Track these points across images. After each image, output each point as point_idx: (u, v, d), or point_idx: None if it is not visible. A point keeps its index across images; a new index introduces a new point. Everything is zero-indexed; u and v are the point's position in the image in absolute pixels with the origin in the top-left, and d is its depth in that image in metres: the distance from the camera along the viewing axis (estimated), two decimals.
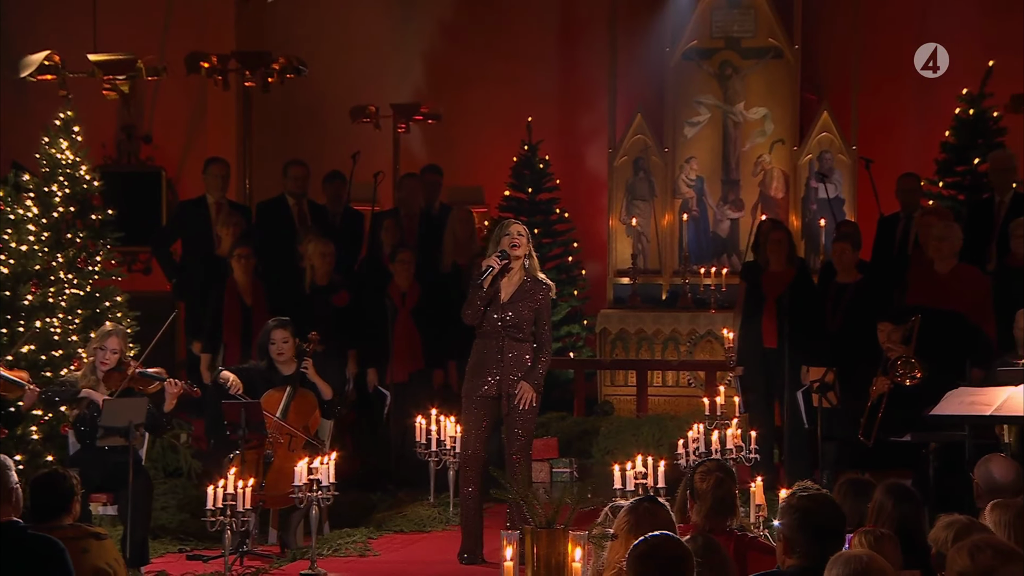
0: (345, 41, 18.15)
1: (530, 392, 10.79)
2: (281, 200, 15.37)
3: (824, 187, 17.21)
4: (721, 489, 7.55)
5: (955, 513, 7.48)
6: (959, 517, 6.82)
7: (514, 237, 10.84)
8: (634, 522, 6.20)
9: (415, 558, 11.25)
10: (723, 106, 18.34)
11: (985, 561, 5.70)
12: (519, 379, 10.77)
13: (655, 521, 6.15)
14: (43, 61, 13.45)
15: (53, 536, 7.53)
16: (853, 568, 5.49)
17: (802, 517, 6.19)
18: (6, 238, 12.49)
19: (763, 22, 18.19)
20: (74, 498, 8.42)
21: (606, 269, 18.34)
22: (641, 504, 6.35)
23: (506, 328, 10.81)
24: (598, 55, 19.10)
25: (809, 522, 6.19)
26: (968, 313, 12.88)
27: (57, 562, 7.62)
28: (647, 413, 15.90)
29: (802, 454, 13.26)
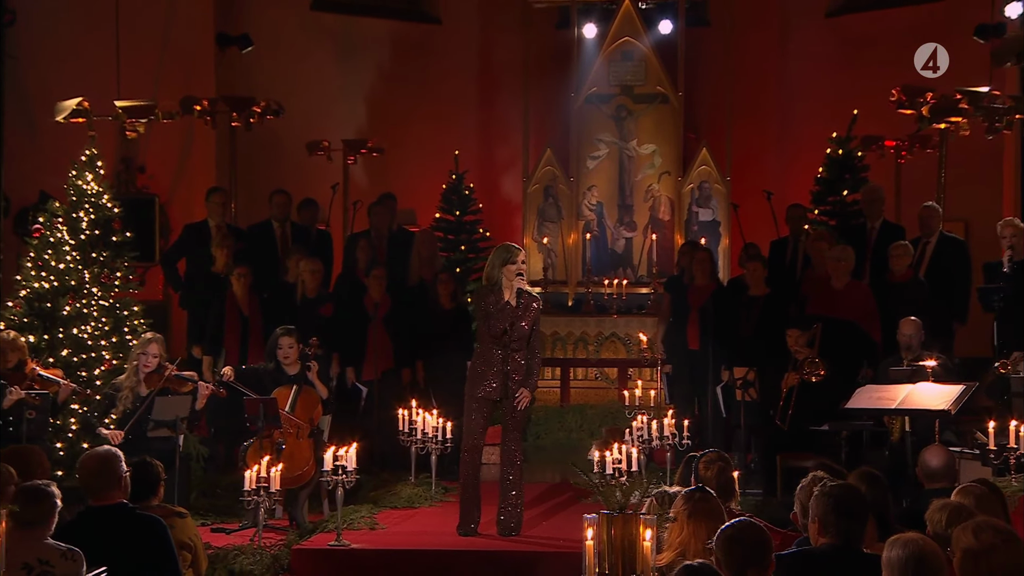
0: (300, 85, 18.05)
1: (529, 396, 10.83)
2: (267, 224, 15.35)
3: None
4: (723, 476, 7.75)
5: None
6: (950, 501, 6.83)
7: (519, 266, 10.75)
8: (691, 509, 6.35)
9: (418, 530, 11.16)
10: (619, 143, 18.50)
11: (988, 539, 5.72)
12: (518, 383, 10.65)
13: (707, 507, 6.37)
14: (75, 106, 13.45)
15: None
16: (911, 550, 5.55)
17: (836, 503, 6.27)
18: (46, 258, 12.54)
19: (652, 73, 18.37)
20: (160, 483, 8.57)
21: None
22: (695, 494, 6.48)
23: (510, 342, 10.60)
24: (513, 98, 19.14)
25: (842, 507, 6.27)
26: (859, 321, 13.06)
27: (160, 537, 7.77)
28: (569, 403, 16.00)
29: (718, 440, 13.26)
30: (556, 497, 12.39)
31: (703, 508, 6.31)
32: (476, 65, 20.27)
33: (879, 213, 14.84)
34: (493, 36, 20.09)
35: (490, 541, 10.57)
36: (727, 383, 13.34)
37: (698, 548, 6.14)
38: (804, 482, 7.09)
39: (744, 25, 18.92)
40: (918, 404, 10.77)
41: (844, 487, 6.47)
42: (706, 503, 6.36)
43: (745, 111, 18.74)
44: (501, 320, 10.62)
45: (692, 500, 6.36)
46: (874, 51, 18.94)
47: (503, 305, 10.66)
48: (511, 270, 10.71)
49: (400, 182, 18.30)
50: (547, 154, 18.50)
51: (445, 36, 20.12)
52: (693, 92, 18.71)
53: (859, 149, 16.73)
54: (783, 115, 19.83)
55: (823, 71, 19.48)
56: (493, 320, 10.71)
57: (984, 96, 14.42)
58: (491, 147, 20.15)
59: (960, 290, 14.13)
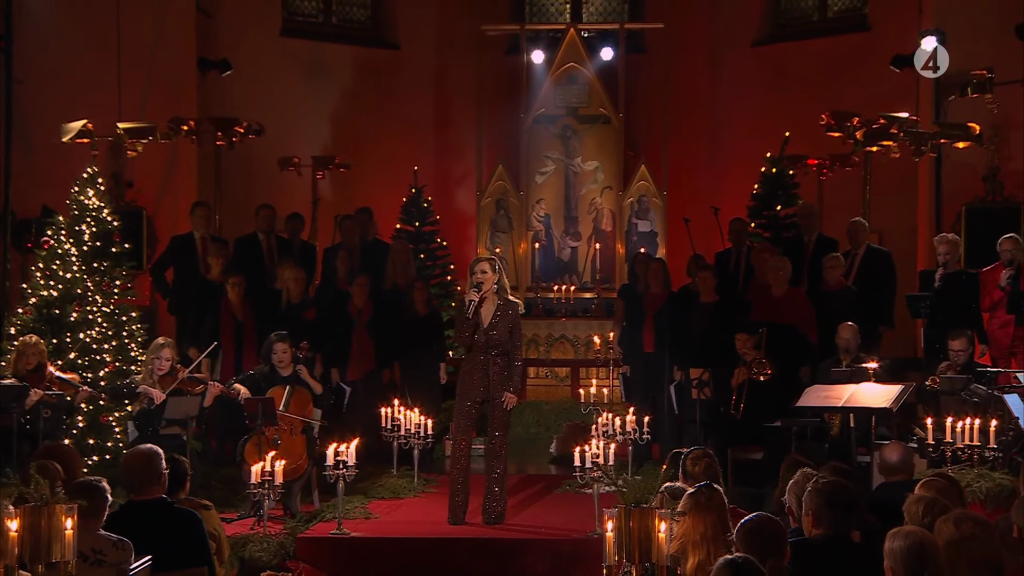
0: (271, 105, 17.96)
1: (514, 399, 10.92)
2: (254, 236, 15.37)
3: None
4: (710, 471, 7.89)
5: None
6: (925, 494, 6.84)
7: (478, 275, 10.72)
8: (700, 503, 6.36)
9: (409, 519, 11.22)
10: (565, 160, 18.48)
11: (968, 529, 5.82)
12: (497, 385, 10.74)
13: (714, 502, 6.39)
14: (80, 128, 13.42)
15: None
16: (912, 541, 5.57)
17: (829, 497, 6.42)
18: (54, 268, 12.56)
19: (595, 96, 18.38)
20: (187, 478, 8.68)
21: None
22: (702, 489, 6.49)
23: (490, 346, 10.71)
24: (467, 118, 19.17)
25: (834, 501, 6.42)
26: (798, 325, 13.25)
27: (196, 529, 7.82)
28: (526, 400, 15.87)
29: (673, 434, 13.44)
30: (528, 488, 12.46)
31: (708, 502, 6.38)
32: (433, 87, 20.27)
33: (814, 228, 15.04)
34: (448, 61, 20.09)
35: (479, 529, 10.69)
36: (680, 382, 13.44)
37: (707, 538, 6.23)
38: (796, 478, 7.19)
39: (678, 53, 18.95)
40: (862, 402, 10.86)
41: (835, 483, 6.60)
42: (711, 498, 6.42)
43: (679, 131, 18.77)
44: (466, 327, 10.75)
45: (699, 495, 6.43)
46: (797, 77, 19.14)
47: (464, 312, 10.77)
48: (471, 280, 10.83)
49: (363, 195, 18.29)
50: (499, 170, 18.47)
51: (404, 61, 20.10)
52: (632, 113, 18.75)
53: (789, 168, 16.86)
54: (713, 135, 19.99)
55: (750, 95, 19.62)
56: (459, 328, 10.93)
57: (905, 121, 14.70)
58: (447, 163, 20.17)
59: (887, 297, 14.33)
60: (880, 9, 18.64)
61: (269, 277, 14.60)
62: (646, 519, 6.08)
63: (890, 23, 18.16)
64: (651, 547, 6.05)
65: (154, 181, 16.10)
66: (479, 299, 10.73)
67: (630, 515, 6.14)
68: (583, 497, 11.81)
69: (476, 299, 10.71)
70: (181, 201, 16.52)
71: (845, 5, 19.43)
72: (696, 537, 6.24)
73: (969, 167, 15.47)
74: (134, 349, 12.79)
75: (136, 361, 12.61)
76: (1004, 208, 15.53)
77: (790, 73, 19.32)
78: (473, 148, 18.85)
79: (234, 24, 18.38)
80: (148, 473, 7.77)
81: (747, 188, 17.85)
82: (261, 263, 15.00)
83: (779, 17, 19.99)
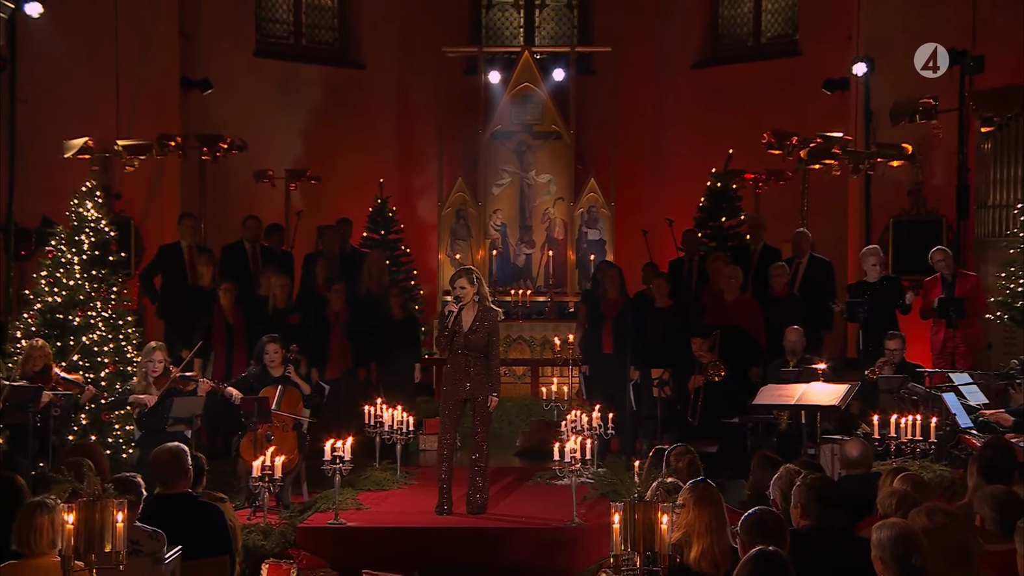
0: (246, 121, 17.92)
1: (495, 401, 11.10)
2: (240, 244, 15.38)
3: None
4: (692, 466, 8.14)
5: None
6: (898, 488, 6.96)
7: (457, 289, 10.84)
8: (697, 496, 6.46)
9: (397, 510, 11.24)
10: (520, 173, 18.63)
11: (940, 520, 5.94)
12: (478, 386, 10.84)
13: (709, 495, 6.49)
14: (82, 145, 13.40)
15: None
16: (897, 531, 5.64)
17: (816, 491, 6.57)
18: (58, 275, 12.57)
19: (548, 113, 18.53)
20: (204, 473, 8.75)
21: (436, 289, 18.34)
22: (699, 484, 6.60)
23: (470, 350, 10.79)
24: (429, 134, 19.27)
25: (821, 495, 6.57)
26: (748, 329, 13.40)
27: (219, 521, 8.00)
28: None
29: (631, 430, 13.57)
30: (501, 480, 12.47)
31: (706, 496, 6.51)
32: (396, 105, 20.35)
33: (760, 238, 15.26)
34: (411, 80, 20.17)
35: (464, 519, 10.77)
36: (636, 381, 13.57)
37: (710, 528, 6.34)
38: (780, 473, 7.32)
39: (624, 74, 19.13)
40: (812, 400, 11.00)
41: (822, 479, 6.79)
42: (708, 492, 6.56)
43: (626, 146, 18.99)
44: (445, 335, 10.89)
45: (697, 489, 6.56)
46: (734, 98, 19.37)
47: (445, 320, 10.91)
48: (453, 293, 11.00)
49: (332, 206, 18.32)
50: (459, 182, 18.57)
51: (369, 80, 20.16)
52: (582, 130, 18.92)
53: (731, 182, 17.07)
54: (657, 150, 20.24)
55: (690, 113, 19.88)
56: (439, 335, 11.07)
57: (840, 140, 14.98)
58: (410, 175, 20.24)
59: (827, 303, 14.48)
60: (810, 36, 18.95)
61: (255, 283, 14.58)
62: (649, 512, 6.25)
63: (820, 49, 18.45)
64: (654, 538, 6.22)
65: (141, 193, 16.08)
66: (458, 310, 10.85)
67: (635, 508, 6.33)
68: (555, 488, 11.97)
69: (455, 310, 10.85)
70: (166, 211, 16.53)
71: (777, 32, 19.74)
72: (701, 528, 6.35)
73: (896, 183, 15.77)
74: (130, 351, 12.81)
75: (132, 362, 12.64)
76: (928, 221, 15.90)
77: (728, 94, 19.54)
78: (434, 161, 18.92)
79: (212, 46, 18.37)
80: (175, 469, 7.93)
81: (689, 200, 18.01)
82: (247, 270, 15.02)
83: (717, 42, 20.25)
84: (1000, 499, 6.63)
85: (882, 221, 16.12)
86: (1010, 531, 6.32)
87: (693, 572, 6.32)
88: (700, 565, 6.31)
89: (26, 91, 14.03)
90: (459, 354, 10.89)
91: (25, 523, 6.42)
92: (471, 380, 10.91)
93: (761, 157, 17.16)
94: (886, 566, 5.60)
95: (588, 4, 20.79)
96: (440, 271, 18.60)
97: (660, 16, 20.34)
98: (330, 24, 20.29)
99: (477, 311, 10.89)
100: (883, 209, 16.10)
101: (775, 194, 17.67)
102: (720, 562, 6.30)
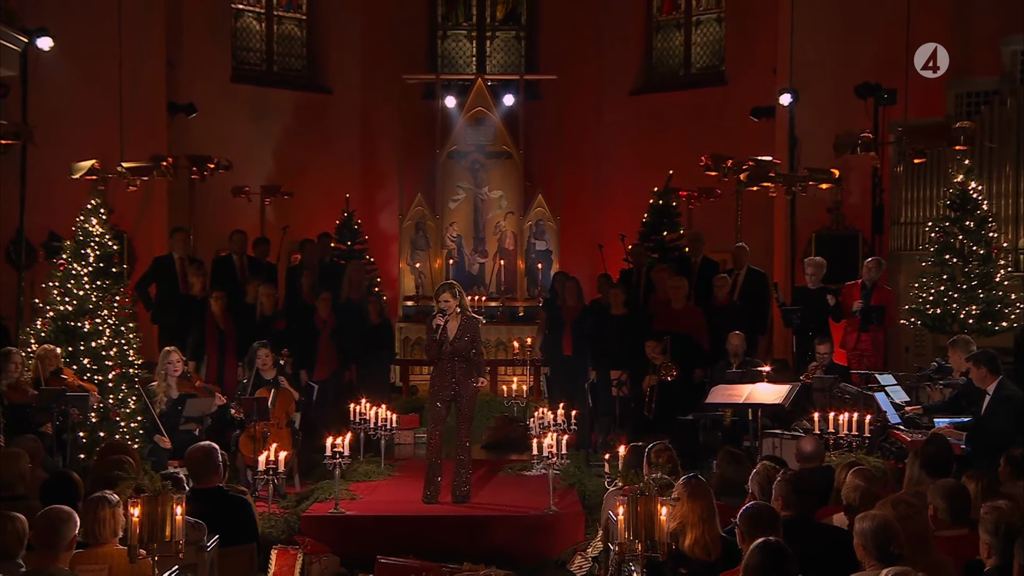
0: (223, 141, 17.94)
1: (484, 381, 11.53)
2: (228, 257, 15.50)
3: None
4: (672, 462, 8.30)
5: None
6: (860, 483, 7.06)
7: (441, 303, 10.99)
8: (690, 491, 6.65)
9: (387, 499, 11.35)
10: (474, 189, 18.81)
11: (903, 511, 6.09)
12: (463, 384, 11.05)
13: (702, 489, 6.69)
14: (89, 167, 13.41)
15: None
16: (878, 522, 5.79)
17: (796, 485, 6.80)
18: (69, 286, 12.60)
19: (499, 135, 18.69)
20: (227, 468, 8.84)
21: (398, 295, 18.53)
22: (692, 479, 6.79)
23: (456, 355, 10.99)
24: (391, 153, 19.48)
25: (802, 487, 6.81)
26: (693, 334, 13.63)
27: (248, 512, 8.19)
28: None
29: (588, 425, 13.68)
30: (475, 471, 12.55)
31: (699, 490, 6.74)
32: (360, 127, 20.45)
33: (700, 251, 15.52)
34: (374, 104, 20.27)
35: (451, 507, 10.98)
36: (594, 381, 13.73)
37: (702, 519, 6.57)
38: (759, 469, 7.56)
39: (567, 99, 19.40)
40: (759, 399, 11.17)
41: (801, 473, 7.06)
42: (700, 486, 6.78)
43: (569, 165, 19.18)
44: (433, 345, 11.08)
45: (690, 484, 6.78)
46: (667, 122, 19.69)
47: (434, 330, 11.09)
48: (437, 306, 11.18)
49: (303, 219, 18.50)
50: (418, 197, 18.69)
51: (336, 104, 20.26)
52: (530, 150, 19.10)
53: (671, 200, 17.36)
54: (598, 168, 20.47)
55: (628, 135, 20.15)
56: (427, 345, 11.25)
57: (769, 164, 15.31)
58: (373, 191, 20.34)
59: (763, 310, 14.88)
60: (736, 68, 19.36)
61: (243, 292, 14.68)
62: (650, 504, 6.52)
63: (746, 79, 18.85)
64: (654, 527, 6.49)
65: (133, 208, 16.10)
66: (444, 322, 11.05)
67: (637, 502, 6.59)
68: (526, 478, 12.26)
69: (441, 323, 11.04)
70: (156, 225, 16.62)
71: (705, 63, 20.12)
72: (694, 519, 6.59)
73: (818, 201, 16.15)
74: (131, 354, 12.86)
75: (133, 365, 12.71)
76: (846, 235, 16.37)
77: (661, 118, 19.85)
78: (396, 178, 19.10)
79: (192, 72, 18.41)
80: (209, 465, 8.08)
81: (629, 215, 18.27)
82: (235, 280, 15.09)
83: (651, 71, 20.57)
84: (950, 491, 6.85)
85: (805, 236, 16.48)
86: (959, 519, 6.70)
87: (688, 557, 6.56)
88: (694, 551, 6.55)
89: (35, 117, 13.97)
90: (446, 359, 11.08)
91: (90, 515, 6.55)
92: (457, 382, 11.12)
93: (693, 176, 17.45)
94: (867, 552, 5.82)
95: (534, 35, 21.01)
96: (401, 278, 18.80)
97: (600, 47, 20.58)
98: (299, 53, 20.40)
99: (461, 321, 11.07)
100: (806, 225, 16.46)
101: (706, 210, 17.99)
102: (711, 548, 6.56)
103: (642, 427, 12.72)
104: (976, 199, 14.10)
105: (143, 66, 15.92)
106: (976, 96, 15.88)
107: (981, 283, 13.80)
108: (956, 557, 6.26)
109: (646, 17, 20.59)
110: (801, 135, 16.23)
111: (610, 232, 18.65)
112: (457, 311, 11.10)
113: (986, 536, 5.93)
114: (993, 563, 5.89)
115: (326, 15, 20.36)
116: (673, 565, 6.56)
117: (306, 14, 20.42)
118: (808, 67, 15.78)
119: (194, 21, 18.62)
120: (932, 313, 13.99)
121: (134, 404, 12.00)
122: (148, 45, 16.57)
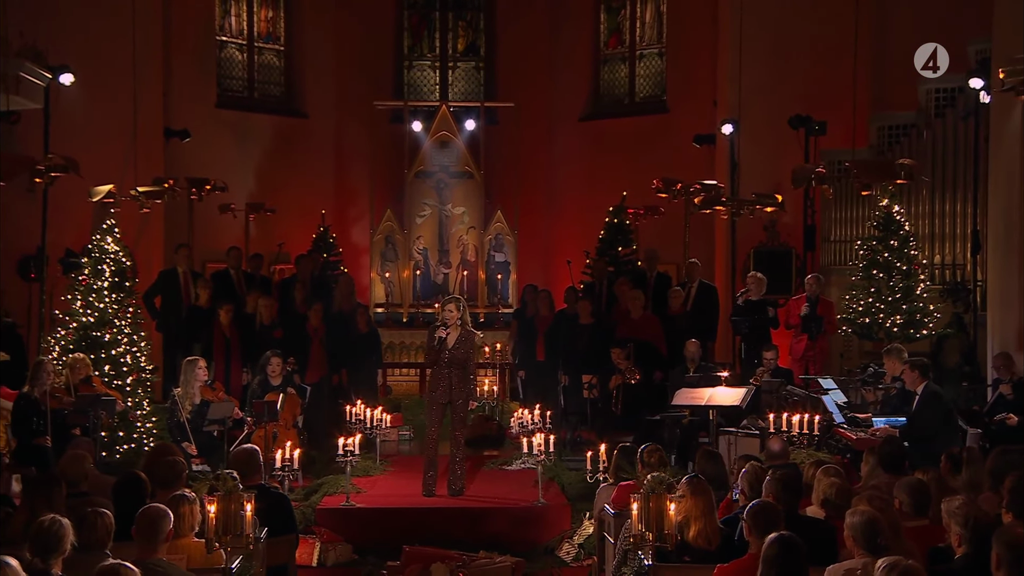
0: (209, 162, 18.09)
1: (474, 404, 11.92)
2: (226, 271, 15.72)
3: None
4: (661, 461, 8.54)
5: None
6: (836, 480, 7.30)
7: (446, 313, 11.26)
8: (692, 488, 6.96)
9: (389, 492, 11.59)
10: (439, 206, 19.09)
11: (878, 505, 6.42)
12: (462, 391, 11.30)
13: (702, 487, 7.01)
14: (107, 191, 13.57)
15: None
16: (866, 516, 6.06)
17: (784, 483, 7.03)
18: (91, 299, 12.77)
19: (462, 157, 19.02)
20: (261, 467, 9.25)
21: (369, 303, 18.48)
22: (693, 479, 7.14)
23: (452, 363, 11.23)
24: (363, 172, 19.77)
25: (788, 485, 7.02)
26: (652, 341, 14.03)
27: (287, 508, 8.55)
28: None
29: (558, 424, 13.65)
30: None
31: (700, 487, 7.09)
32: (334, 148, 20.57)
33: (655, 267, 16.00)
34: (346, 127, 20.44)
35: (447, 500, 11.29)
36: (565, 384, 14.09)
37: (704, 513, 6.96)
38: (747, 468, 7.84)
39: (523, 125, 19.71)
40: (719, 401, 11.52)
41: (789, 472, 7.36)
42: (701, 484, 7.12)
43: (525, 184, 19.49)
44: (433, 352, 11.36)
45: (692, 483, 7.13)
46: (614, 146, 20.08)
47: (435, 339, 11.37)
48: (440, 316, 11.53)
49: (283, 233, 18.67)
50: (387, 213, 18.95)
51: (312, 127, 20.40)
52: (490, 171, 19.41)
53: (625, 218, 17.78)
54: (551, 188, 20.77)
55: (578, 158, 20.50)
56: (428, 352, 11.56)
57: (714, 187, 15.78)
58: (346, 207, 20.49)
59: (712, 320, 15.30)
60: (677, 97, 19.82)
61: (243, 304, 14.87)
62: (660, 500, 6.95)
63: (687, 108, 19.34)
64: (663, 521, 6.94)
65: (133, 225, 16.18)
66: (446, 333, 11.33)
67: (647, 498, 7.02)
68: (509, 472, 12.64)
69: (444, 335, 11.31)
70: (153, 241, 16.76)
71: (648, 93, 20.57)
72: (696, 513, 6.99)
73: (755, 219, 16.61)
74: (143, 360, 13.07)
75: (146, 370, 12.94)
76: (781, 251, 16.92)
77: (608, 143, 20.23)
78: (367, 196, 19.42)
79: (180, 99, 18.52)
80: (251, 465, 8.35)
81: (581, 230, 18.77)
82: (234, 292, 15.29)
83: (598, 99, 20.95)
84: (913, 487, 7.31)
85: (744, 251, 16.97)
86: (921, 511, 7.14)
87: (692, 547, 6.97)
88: (697, 542, 6.95)
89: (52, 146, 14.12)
90: (443, 366, 11.35)
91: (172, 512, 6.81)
92: (452, 387, 11.40)
93: (640, 196, 17.85)
94: (857, 543, 6.20)
95: (492, 66, 21.30)
96: (372, 287, 19.06)
97: (552, 77, 20.91)
98: (278, 80, 20.58)
99: (460, 333, 11.35)
100: (744, 242, 16.94)
101: (652, 227, 18.43)
102: (712, 539, 6.96)
103: (609, 425, 13.08)
104: (899, 220, 14.75)
105: (143, 96, 16.03)
106: (896, 129, 16.54)
107: (904, 296, 14.44)
108: (919, 545, 6.60)
109: (593, 51, 20.96)
110: (740, 161, 16.75)
111: (562, 245, 19.14)
112: (458, 323, 11.35)
113: (957, 528, 6.29)
114: (963, 551, 6.27)
115: (302, 46, 20.55)
116: (678, 553, 6.94)
117: (284, 45, 20.63)
118: (746, 99, 16.23)
119: (182, 52, 18.75)
120: (861, 322, 14.58)
121: (148, 407, 12.22)
122: (148, 77, 16.70)
